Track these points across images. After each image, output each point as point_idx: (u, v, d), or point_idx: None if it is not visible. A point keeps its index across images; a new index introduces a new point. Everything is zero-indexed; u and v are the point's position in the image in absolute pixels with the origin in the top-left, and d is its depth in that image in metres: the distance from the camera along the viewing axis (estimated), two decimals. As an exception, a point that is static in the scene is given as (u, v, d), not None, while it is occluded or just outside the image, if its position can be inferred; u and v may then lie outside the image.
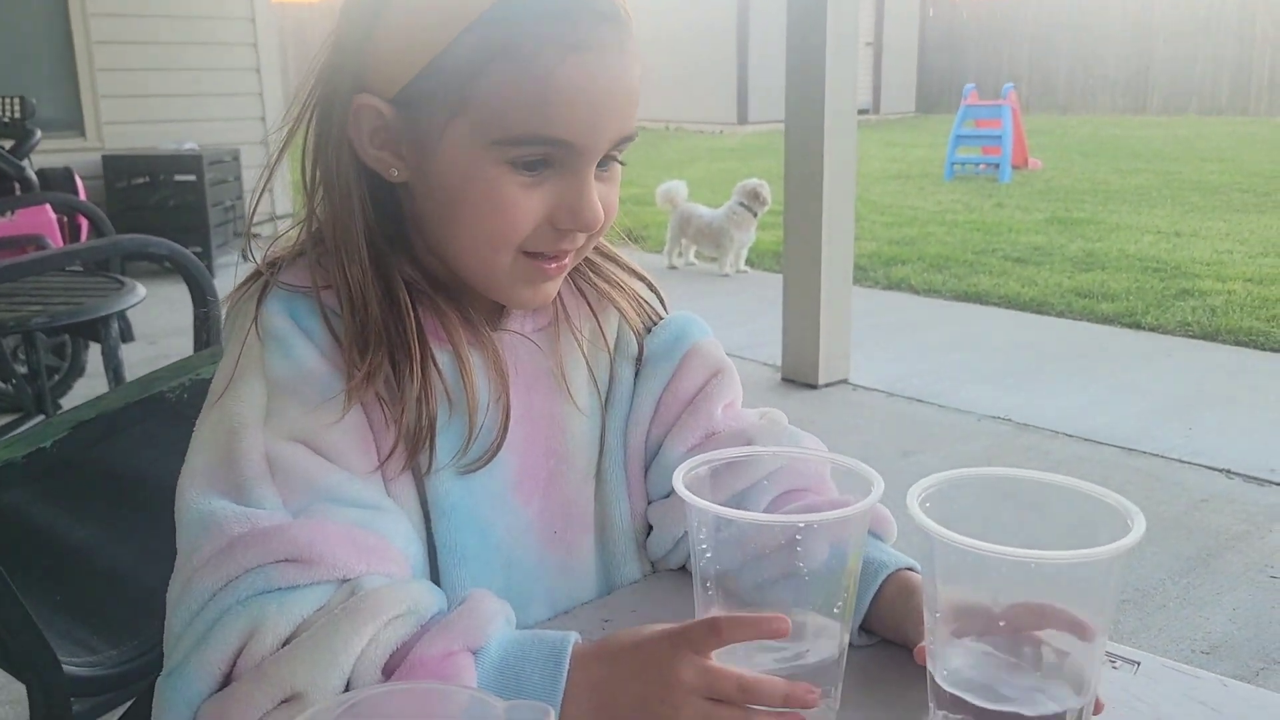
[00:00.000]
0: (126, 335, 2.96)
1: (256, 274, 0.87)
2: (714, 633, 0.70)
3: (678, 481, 0.75)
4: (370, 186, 0.85)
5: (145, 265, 5.40)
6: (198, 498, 0.76)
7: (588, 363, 0.96)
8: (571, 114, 0.78)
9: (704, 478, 0.80)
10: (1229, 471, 3.43)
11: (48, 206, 3.92)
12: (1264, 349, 4.85)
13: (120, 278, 2.71)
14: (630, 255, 1.06)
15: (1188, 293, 5.72)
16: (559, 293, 0.93)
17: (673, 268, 6.83)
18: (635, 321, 1.00)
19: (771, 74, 11.18)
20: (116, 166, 6.63)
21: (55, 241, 3.84)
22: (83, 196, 4.81)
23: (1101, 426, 3.87)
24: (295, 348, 0.81)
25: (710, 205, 6.73)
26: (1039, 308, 5.71)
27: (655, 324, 1.02)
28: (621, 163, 0.87)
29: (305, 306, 0.84)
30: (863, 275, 6.36)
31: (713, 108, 16.97)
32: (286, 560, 0.73)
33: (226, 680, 0.70)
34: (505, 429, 0.88)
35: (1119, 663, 0.83)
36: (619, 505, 0.97)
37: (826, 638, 0.75)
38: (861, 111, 14.99)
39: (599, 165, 0.83)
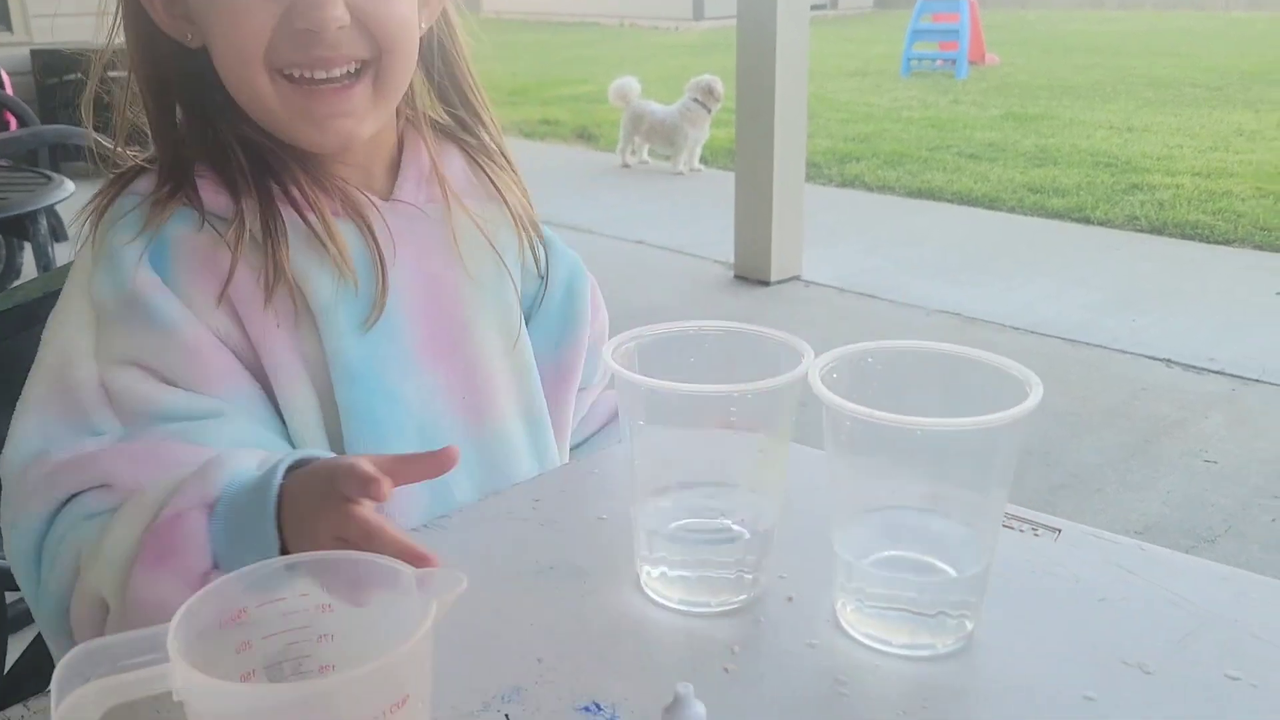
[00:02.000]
0: (59, 233, 2.87)
1: (106, 186, 0.86)
2: (362, 481, 0.63)
3: (607, 357, 0.74)
4: (185, 60, 0.85)
5: (83, 165, 5.23)
6: (31, 426, 0.78)
7: (490, 242, 0.96)
8: None
9: (633, 353, 0.79)
10: (1169, 361, 3.50)
11: (-29, 103, 3.76)
12: (1209, 241, 4.91)
13: (48, 173, 2.62)
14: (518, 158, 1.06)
15: (1137, 187, 5.75)
16: (450, 171, 0.94)
17: (626, 166, 6.74)
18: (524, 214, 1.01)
19: (726, -34, 10.89)
20: (46, 62, 6.36)
21: (-19, 138, 3.70)
22: (9, 91, 4.62)
23: (1048, 319, 3.92)
24: (125, 269, 0.80)
25: (665, 104, 6.62)
26: (991, 203, 5.72)
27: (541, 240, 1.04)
28: None
29: (150, 213, 0.82)
30: (817, 173, 6.32)
31: (667, 3, 16.56)
32: (100, 486, 0.75)
33: None
34: (385, 290, 0.87)
35: (1040, 530, 0.84)
36: (537, 389, 0.97)
37: (759, 509, 0.75)
38: (818, 7, 14.69)
39: None
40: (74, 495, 0.76)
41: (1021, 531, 0.84)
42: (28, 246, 3.22)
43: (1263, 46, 11.42)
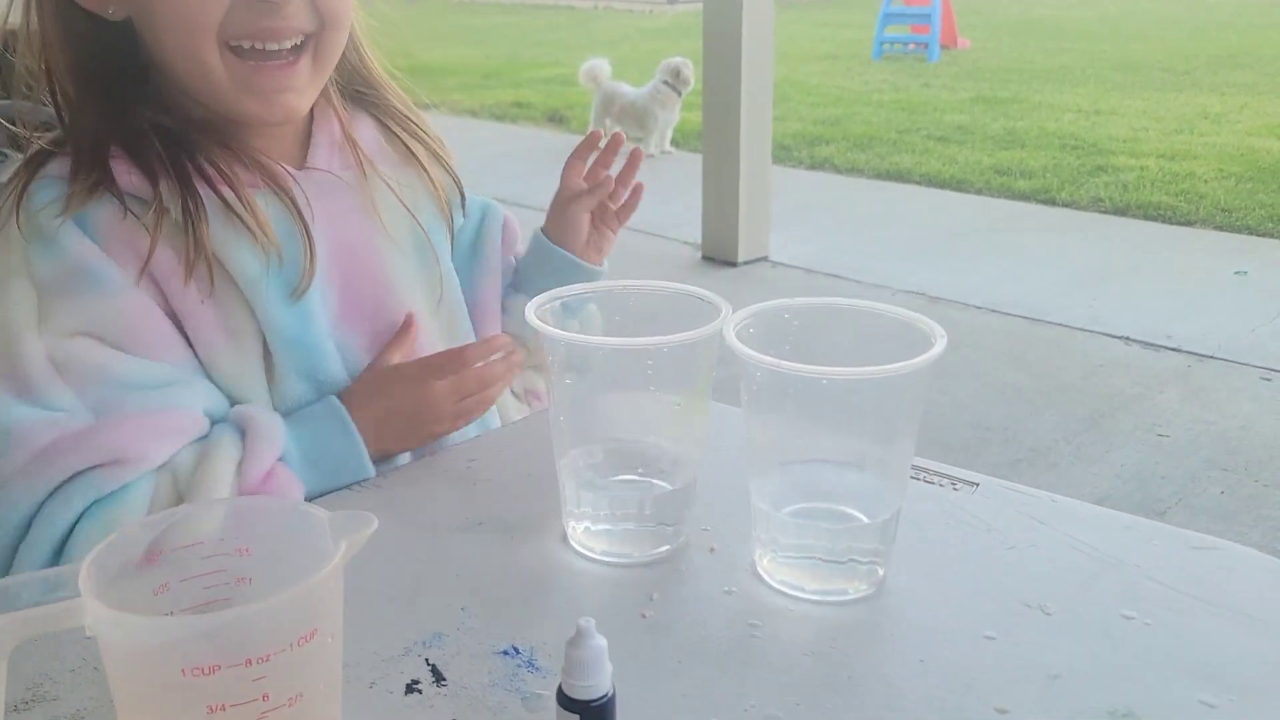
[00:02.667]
0: None
1: (20, 169, 0.86)
2: (453, 358, 0.92)
3: (530, 315, 0.75)
4: (102, 37, 0.85)
5: None
6: None
7: (406, 205, 0.98)
8: None
9: (558, 311, 0.80)
10: (1128, 338, 3.55)
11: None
12: (1171, 222, 4.97)
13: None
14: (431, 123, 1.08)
15: (1102, 169, 5.81)
16: (361, 137, 0.96)
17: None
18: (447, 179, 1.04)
19: (698, -51, 10.87)
20: None
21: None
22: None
23: (1010, 299, 3.96)
24: (61, 243, 0.81)
25: (637, 86, 6.61)
26: (958, 185, 5.76)
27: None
28: None
29: (72, 194, 0.83)
30: (787, 155, 6.35)
31: (641, -14, 16.51)
32: (106, 464, 0.76)
33: None
34: (313, 258, 0.89)
35: (959, 485, 0.87)
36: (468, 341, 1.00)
37: (679, 462, 0.77)
38: (791, -11, 14.68)
39: None
40: (72, 475, 0.76)
41: (941, 486, 0.86)
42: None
43: (1229, 31, 11.52)
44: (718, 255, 4.53)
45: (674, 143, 6.71)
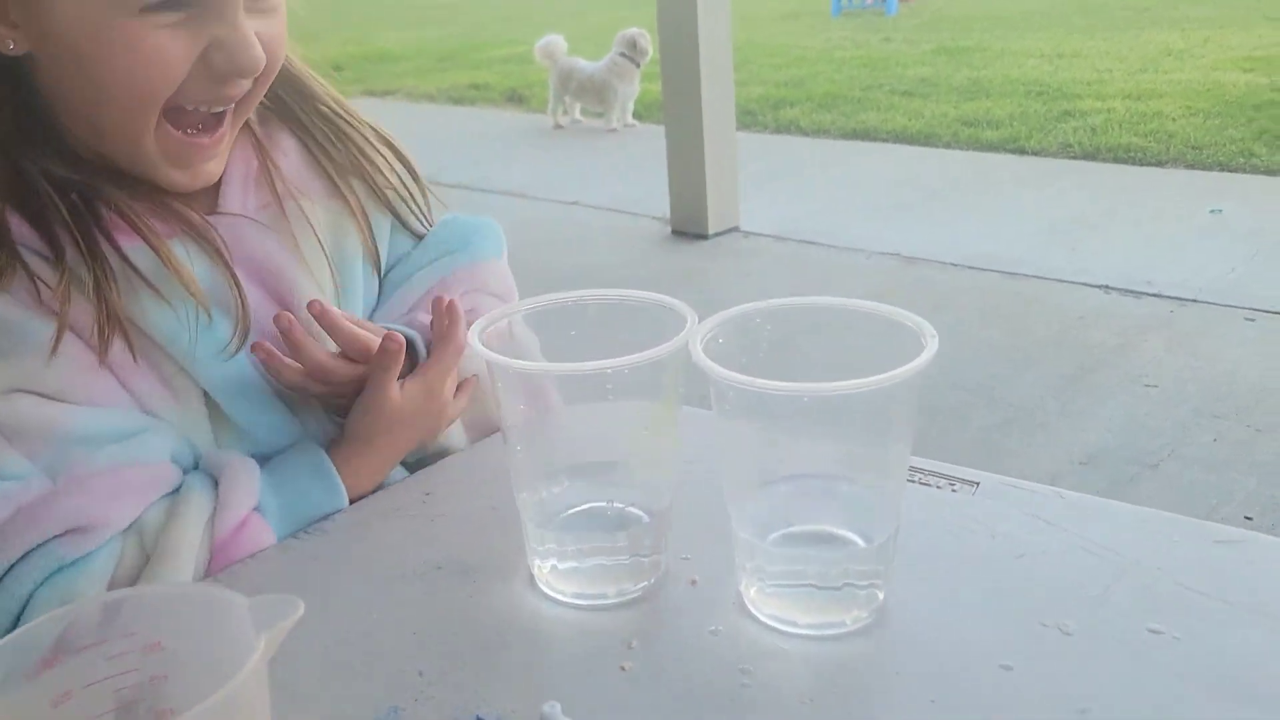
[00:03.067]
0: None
1: None
2: (391, 355, 0.82)
3: (474, 340, 0.68)
4: None
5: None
6: None
7: (323, 246, 0.89)
8: None
9: (505, 333, 0.73)
10: (1107, 287, 3.50)
11: None
12: (1142, 164, 4.92)
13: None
14: (377, 119, 0.98)
15: (1069, 114, 5.75)
16: (285, 163, 0.88)
17: (559, 127, 6.62)
18: (386, 204, 0.95)
19: (648, -85, 10.69)
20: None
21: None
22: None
23: (987, 254, 3.90)
24: None
25: (594, 60, 6.50)
26: (926, 140, 5.69)
27: (418, 208, 0.98)
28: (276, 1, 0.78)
29: None
30: (751, 120, 6.26)
31: (593, -44, 16.27)
32: (69, 531, 0.71)
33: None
34: (246, 314, 0.81)
35: (957, 485, 0.80)
36: None
37: (654, 487, 0.70)
38: (745, -49, 14.51)
39: (256, 3, 0.76)
40: (31, 548, 0.70)
41: (939, 488, 0.80)
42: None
43: (1187, -35, 11.48)
44: (688, 229, 4.45)
45: (636, 115, 6.60)
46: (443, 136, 6.40)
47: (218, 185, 0.86)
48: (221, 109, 0.79)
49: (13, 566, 0.70)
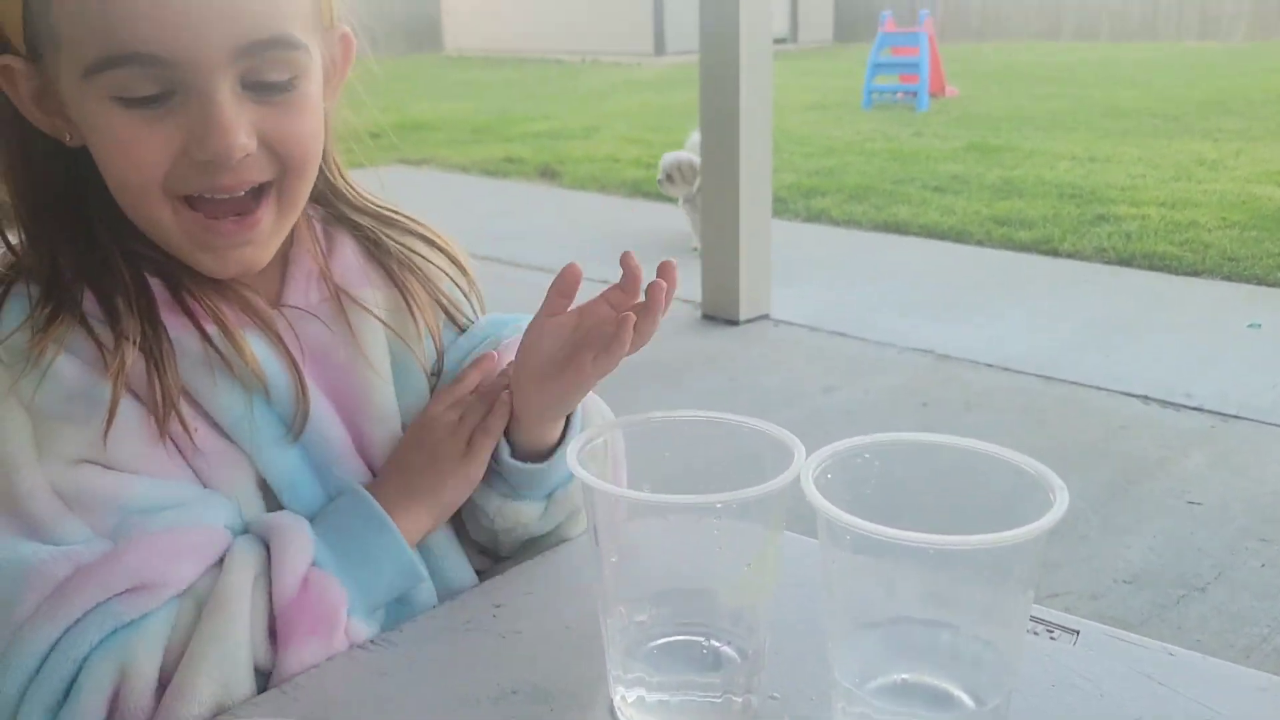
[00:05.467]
0: None
1: None
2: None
3: (572, 461, 0.65)
4: (64, 159, 0.77)
5: None
6: None
7: (388, 333, 0.88)
8: (142, 20, 0.68)
9: (601, 451, 0.70)
10: (1146, 397, 3.46)
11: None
12: (1177, 273, 4.90)
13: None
14: (438, 229, 0.97)
15: (1103, 218, 5.76)
16: (342, 264, 0.87)
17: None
18: (435, 304, 0.94)
19: (687, 3, 10.93)
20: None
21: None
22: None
23: (1020, 355, 3.87)
24: (56, 368, 0.72)
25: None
26: (958, 236, 5.70)
27: (470, 305, 0.97)
28: (290, 89, 0.75)
29: (36, 341, 0.74)
30: (782, 208, 6.29)
31: (628, 38, 16.62)
32: (128, 590, 0.69)
33: None
34: (305, 399, 0.80)
35: (1057, 633, 0.76)
36: None
37: (749, 625, 0.67)
38: (778, 41, 14.84)
39: (257, 91, 0.73)
40: (93, 606, 0.69)
41: (1036, 634, 0.76)
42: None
43: (1215, 76, 11.60)
44: (718, 314, 4.44)
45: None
46: (475, 208, 6.45)
47: (282, 278, 0.85)
48: (228, 196, 0.76)
49: (71, 626, 0.68)
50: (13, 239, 0.79)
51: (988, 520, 0.57)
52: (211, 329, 0.77)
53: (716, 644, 0.68)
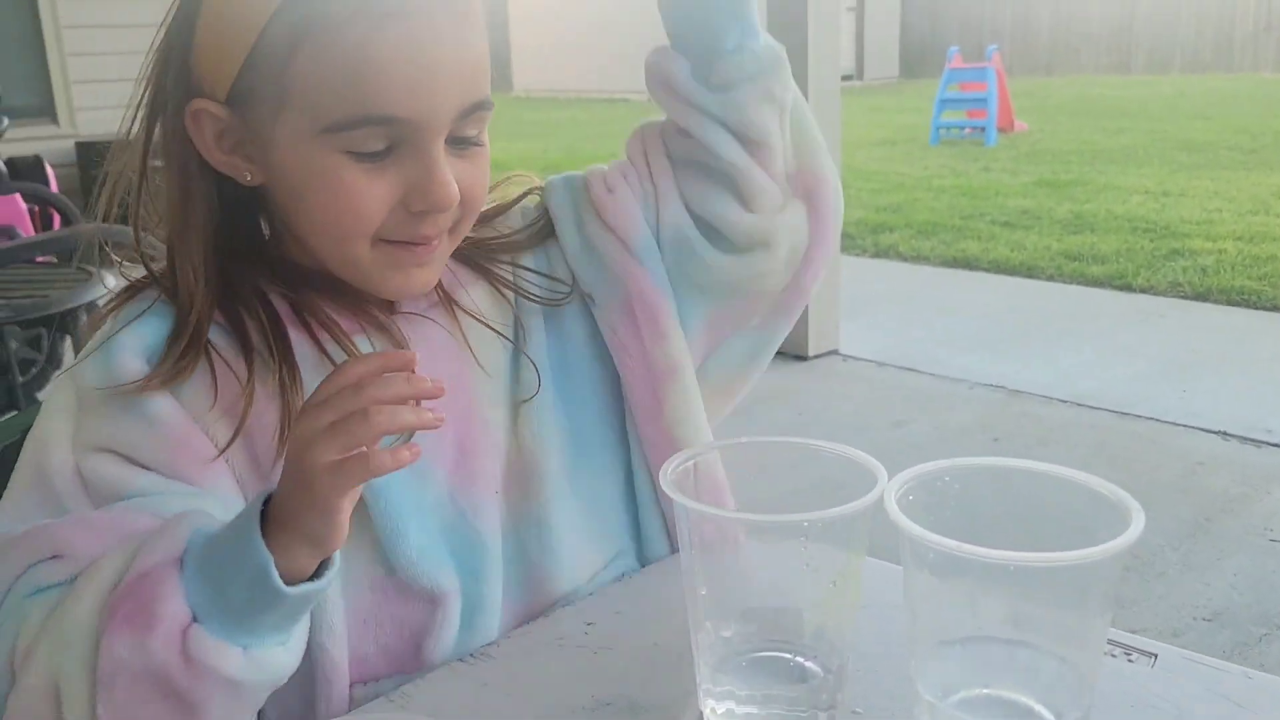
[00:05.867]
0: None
1: (129, 289, 0.83)
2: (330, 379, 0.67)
3: (664, 480, 0.70)
4: (227, 191, 0.82)
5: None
6: (6, 512, 0.76)
7: (489, 324, 0.91)
8: (392, 87, 0.73)
9: (689, 473, 0.74)
10: (1225, 433, 3.39)
11: (18, 197, 3.83)
12: (1256, 308, 4.81)
13: (89, 268, 2.64)
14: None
15: (1178, 253, 5.67)
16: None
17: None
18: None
19: (753, 42, 10.92)
20: (91, 153, 6.52)
21: (26, 231, 3.76)
22: (54, 185, 4.73)
23: (1094, 390, 3.83)
24: (119, 356, 0.77)
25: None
26: (1029, 272, 5.65)
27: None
28: (479, 143, 0.82)
29: (160, 315, 0.80)
30: (850, 243, 6.30)
31: (695, 78, 16.76)
32: (53, 558, 0.71)
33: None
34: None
35: (1135, 655, 0.78)
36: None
37: (833, 643, 0.70)
38: (845, 78, 14.89)
39: (456, 145, 0.79)
40: (25, 570, 0.71)
41: (1114, 656, 0.78)
42: (69, 339, 3.24)
43: (1294, 107, 11.38)
44: (787, 349, 4.46)
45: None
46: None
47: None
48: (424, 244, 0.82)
49: (10, 587, 0.70)
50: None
51: (1066, 542, 0.60)
52: (324, 335, 0.82)
53: (802, 660, 0.71)
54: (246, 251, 0.85)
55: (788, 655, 0.71)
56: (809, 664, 0.71)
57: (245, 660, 0.66)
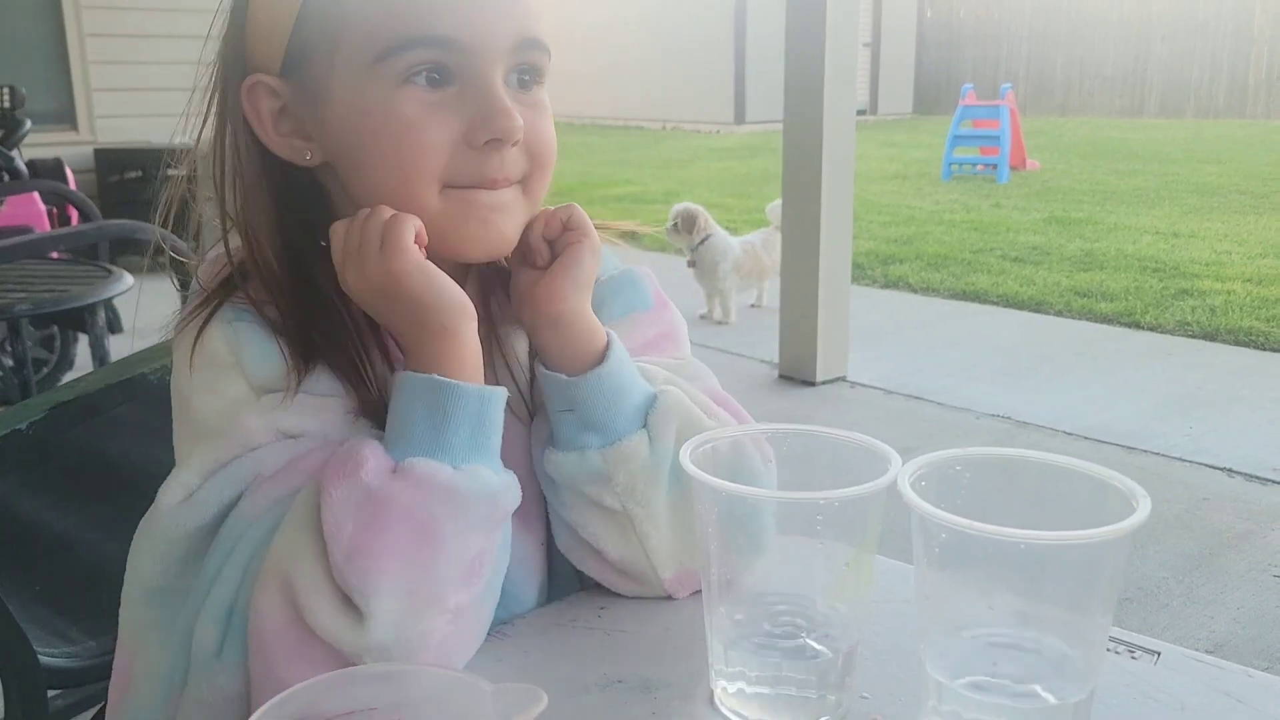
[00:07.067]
0: (115, 326, 2.92)
1: (206, 298, 0.82)
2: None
3: (685, 460, 0.71)
4: (289, 181, 0.82)
5: (138, 260, 5.36)
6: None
7: (520, 357, 0.91)
8: (441, 5, 0.75)
9: (709, 457, 0.76)
10: (1230, 470, 3.40)
11: (36, 195, 3.88)
12: (1263, 349, 4.82)
13: (108, 266, 2.67)
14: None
15: (1187, 293, 5.70)
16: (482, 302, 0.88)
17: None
18: None
19: (768, 75, 11.09)
20: (109, 160, 6.58)
21: (44, 230, 3.80)
22: (73, 187, 4.77)
23: (1101, 424, 3.84)
24: (224, 383, 0.78)
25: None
26: (1038, 306, 5.68)
27: None
28: (540, 91, 0.83)
29: (253, 327, 0.79)
30: (861, 274, 6.33)
31: (709, 108, 16.93)
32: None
33: None
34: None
35: (1138, 653, 0.79)
36: None
37: (844, 626, 0.71)
38: (859, 112, 15.00)
39: (517, 86, 0.80)
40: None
41: (1118, 653, 0.79)
42: (82, 338, 3.27)
43: (1306, 154, 11.42)
44: (795, 374, 4.48)
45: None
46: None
47: None
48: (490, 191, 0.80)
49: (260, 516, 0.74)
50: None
51: (1075, 527, 0.61)
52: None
53: (813, 642, 0.72)
54: (318, 253, 0.82)
55: (800, 638, 0.73)
56: (820, 646, 0.72)
57: (455, 472, 0.72)
